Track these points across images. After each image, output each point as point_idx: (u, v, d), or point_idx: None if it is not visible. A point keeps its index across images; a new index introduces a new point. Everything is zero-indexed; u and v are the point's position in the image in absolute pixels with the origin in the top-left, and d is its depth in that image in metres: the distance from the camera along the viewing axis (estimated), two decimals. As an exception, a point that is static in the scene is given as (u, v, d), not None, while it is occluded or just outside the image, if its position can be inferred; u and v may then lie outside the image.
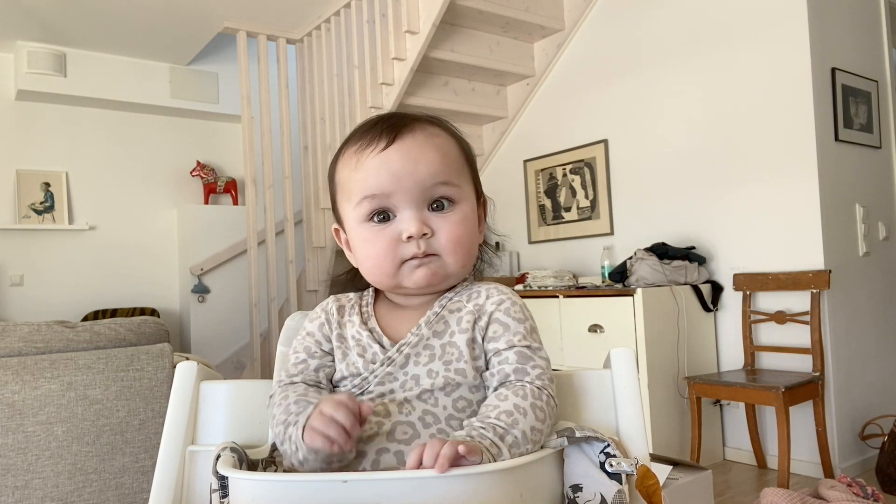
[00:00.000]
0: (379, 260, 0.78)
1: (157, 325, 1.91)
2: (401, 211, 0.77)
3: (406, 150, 0.76)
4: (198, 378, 0.87)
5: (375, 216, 0.77)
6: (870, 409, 2.88)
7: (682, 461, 1.80)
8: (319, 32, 4.13)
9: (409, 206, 0.76)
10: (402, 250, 0.77)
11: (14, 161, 4.30)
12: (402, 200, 0.76)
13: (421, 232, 0.76)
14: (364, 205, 0.77)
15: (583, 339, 3.00)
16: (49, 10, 3.80)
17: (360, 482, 0.61)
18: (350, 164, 0.79)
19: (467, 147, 0.85)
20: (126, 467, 1.75)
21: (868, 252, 2.96)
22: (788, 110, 2.82)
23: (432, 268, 0.78)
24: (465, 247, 0.80)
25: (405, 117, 0.80)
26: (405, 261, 0.77)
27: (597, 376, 0.85)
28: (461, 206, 0.80)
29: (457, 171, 0.80)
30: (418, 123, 0.80)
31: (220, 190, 4.85)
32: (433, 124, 0.82)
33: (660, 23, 3.30)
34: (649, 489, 0.75)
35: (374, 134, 0.78)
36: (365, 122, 0.82)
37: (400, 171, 0.76)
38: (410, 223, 0.76)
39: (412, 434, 0.70)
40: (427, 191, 0.77)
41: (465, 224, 0.79)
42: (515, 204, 4.08)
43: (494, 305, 0.80)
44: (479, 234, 0.86)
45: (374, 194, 0.76)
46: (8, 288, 4.23)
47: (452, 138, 0.83)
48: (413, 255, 0.77)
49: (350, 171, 0.79)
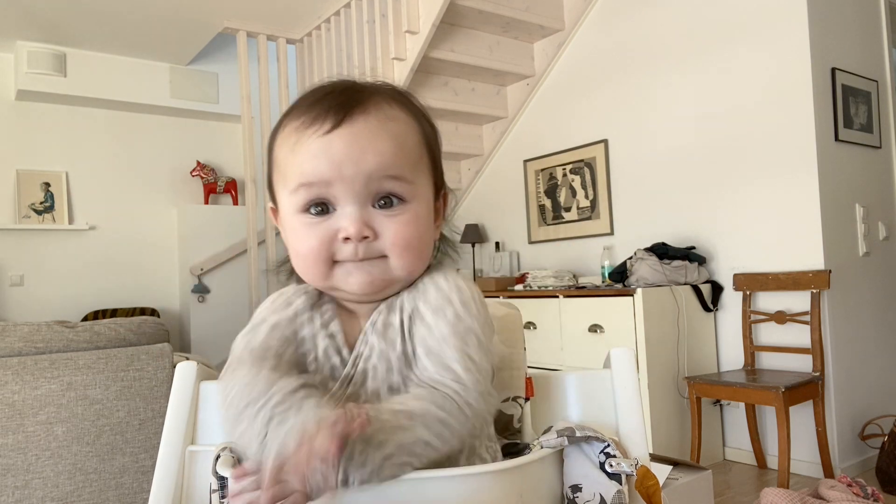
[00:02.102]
0: (310, 259, 0.69)
1: (157, 325, 1.91)
2: (341, 205, 0.67)
3: (353, 136, 0.66)
4: (198, 378, 0.87)
5: (312, 207, 0.68)
6: (870, 409, 2.88)
7: (682, 461, 1.80)
8: (319, 32, 4.13)
9: (351, 201, 0.66)
10: (336, 250, 0.67)
11: (14, 161, 4.30)
12: (343, 193, 0.66)
13: (361, 234, 0.66)
14: (300, 193, 0.67)
15: (583, 339, 3.00)
16: (49, 10, 3.80)
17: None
18: (288, 143, 0.69)
19: (430, 130, 0.74)
20: (126, 467, 1.75)
21: (868, 252, 2.96)
22: (788, 110, 2.82)
23: (374, 273, 0.68)
24: (416, 251, 0.69)
25: (360, 92, 0.69)
26: (339, 261, 0.68)
27: (597, 376, 0.85)
28: (413, 205, 0.69)
29: (412, 164, 0.69)
30: (374, 102, 0.69)
31: (220, 190, 4.85)
32: (392, 103, 0.70)
33: (660, 23, 3.30)
34: (649, 490, 0.75)
35: (320, 111, 0.67)
36: (313, 91, 0.71)
37: (342, 159, 0.65)
38: (350, 222, 0.66)
39: None
40: (372, 184, 0.66)
41: (416, 225, 0.69)
42: (515, 204, 4.08)
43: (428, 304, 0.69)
44: (435, 230, 0.75)
45: (311, 182, 0.66)
46: (8, 288, 4.23)
47: (414, 120, 0.72)
48: (349, 258, 0.67)
49: (287, 152, 0.69)
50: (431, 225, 0.73)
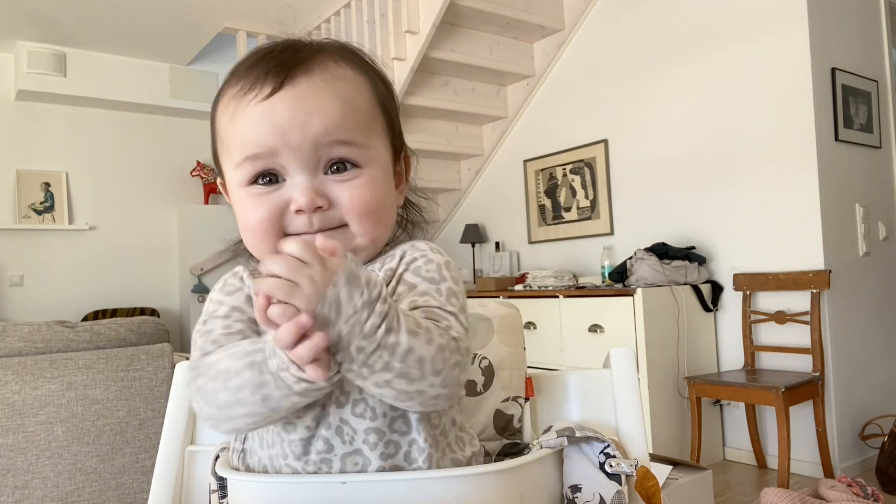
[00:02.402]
0: (259, 232, 0.63)
1: (157, 325, 1.91)
2: (290, 175, 0.61)
3: (296, 99, 0.60)
4: (197, 378, 0.87)
5: (259, 179, 0.62)
6: (870, 409, 2.88)
7: (682, 461, 1.80)
8: (319, 32, 4.13)
9: (300, 169, 0.61)
10: (288, 222, 0.62)
11: (14, 161, 4.31)
12: (291, 162, 0.60)
13: (314, 205, 0.60)
14: (245, 167, 0.62)
15: (583, 339, 3.00)
16: (49, 10, 3.80)
17: (359, 483, 0.61)
18: (227, 111, 0.63)
19: (384, 89, 0.68)
20: (126, 467, 1.75)
21: (868, 252, 2.96)
22: (788, 110, 2.82)
23: None
24: (375, 216, 0.63)
25: (301, 51, 0.63)
26: (290, 234, 0.62)
27: (597, 376, 0.85)
28: (368, 169, 0.63)
29: (364, 126, 0.63)
30: (318, 60, 0.63)
31: (220, 190, 4.85)
32: (340, 61, 0.64)
33: (660, 23, 3.30)
34: (649, 490, 0.75)
35: (259, 74, 0.61)
36: (253, 53, 0.65)
37: (286, 124, 0.59)
38: (301, 192, 0.60)
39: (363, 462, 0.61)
40: (321, 150, 0.61)
41: (374, 189, 0.63)
42: (515, 204, 4.08)
43: (405, 265, 0.65)
44: (397, 195, 0.70)
45: (255, 154, 0.61)
46: (8, 288, 4.23)
47: (364, 79, 0.65)
48: (302, 230, 0.62)
49: (227, 122, 0.63)
50: (392, 190, 0.67)
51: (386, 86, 0.68)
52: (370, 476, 0.62)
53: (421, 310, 0.59)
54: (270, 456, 0.63)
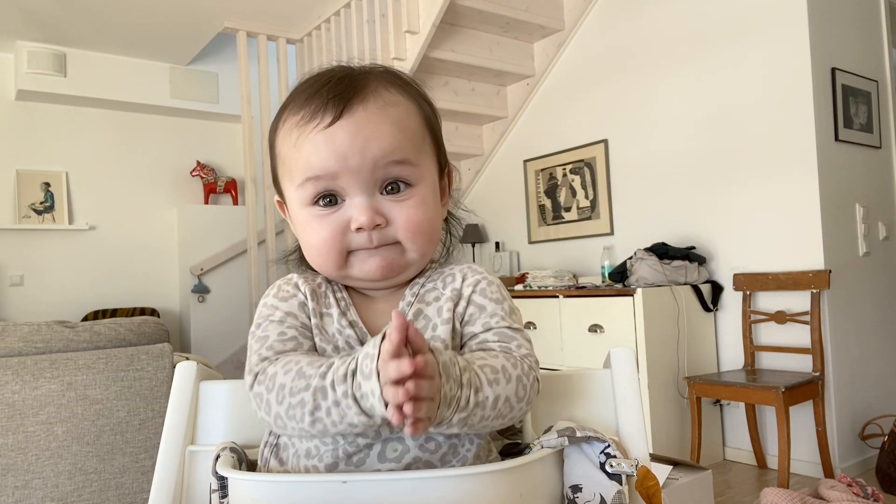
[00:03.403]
0: (324, 250, 0.69)
1: (157, 325, 1.91)
2: (350, 196, 0.67)
3: (355, 126, 0.66)
4: (197, 378, 0.87)
5: (321, 200, 0.68)
6: (870, 409, 2.88)
7: (682, 461, 1.80)
8: (319, 32, 4.13)
9: (359, 190, 0.67)
10: (350, 240, 0.68)
11: (14, 161, 4.31)
12: (351, 184, 0.66)
13: (373, 223, 0.66)
14: (307, 187, 0.68)
15: (583, 339, 3.00)
16: (49, 10, 3.80)
17: (360, 483, 0.61)
18: (290, 138, 0.69)
19: (429, 110, 0.74)
20: (126, 467, 1.75)
21: (868, 252, 2.96)
22: (788, 110, 2.82)
23: (388, 257, 0.69)
24: (427, 233, 0.70)
25: (355, 80, 0.69)
26: (353, 250, 0.69)
27: (597, 376, 0.85)
28: (419, 188, 0.69)
29: (416, 147, 0.70)
30: (371, 88, 0.68)
31: (220, 190, 4.86)
32: (390, 87, 0.70)
33: (660, 23, 3.30)
34: (649, 490, 0.75)
35: (319, 104, 0.67)
36: (309, 83, 0.70)
37: (347, 150, 0.65)
38: (361, 212, 0.66)
39: (402, 450, 0.65)
40: (379, 171, 0.67)
41: (425, 208, 0.69)
42: (515, 204, 4.08)
43: (471, 287, 0.72)
44: (442, 209, 0.76)
45: (317, 176, 0.67)
46: (8, 288, 4.23)
47: (413, 103, 0.71)
48: (363, 246, 0.68)
49: (290, 148, 0.69)
50: (438, 205, 0.74)
51: (430, 106, 0.75)
52: (371, 476, 0.62)
53: (493, 331, 0.69)
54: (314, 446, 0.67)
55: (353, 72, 0.71)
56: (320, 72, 0.72)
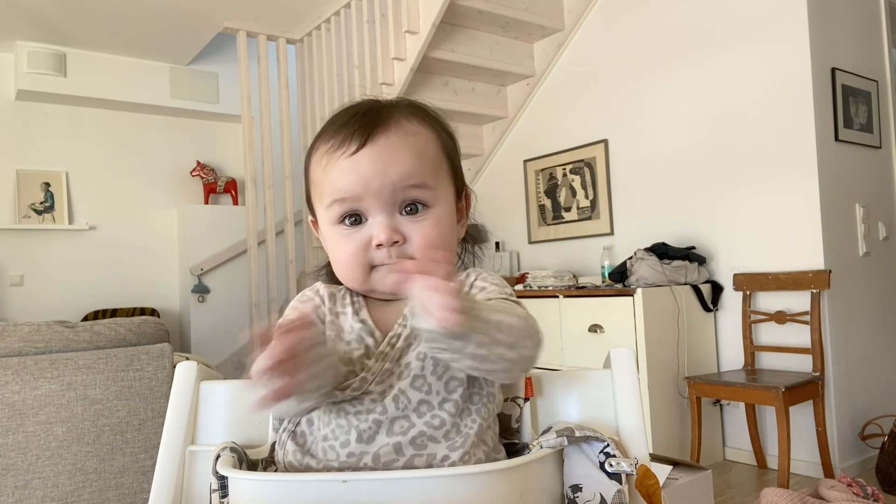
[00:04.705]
0: (349, 265, 0.76)
1: (157, 325, 1.91)
2: (372, 216, 0.75)
3: (377, 153, 0.74)
4: (198, 378, 0.87)
5: (346, 219, 0.76)
6: (870, 409, 2.88)
7: (682, 461, 1.80)
8: (319, 32, 4.13)
9: (380, 211, 0.74)
10: (373, 256, 0.75)
11: (14, 161, 4.31)
12: (373, 205, 0.74)
13: (391, 240, 0.73)
14: (334, 208, 0.76)
15: (583, 339, 3.00)
16: (49, 10, 3.80)
17: (360, 482, 0.61)
18: (321, 164, 0.77)
19: (448, 138, 0.82)
20: (126, 467, 1.75)
21: (868, 252, 2.96)
22: (788, 110, 2.82)
23: None
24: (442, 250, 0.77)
25: (380, 112, 0.77)
26: (376, 266, 0.75)
27: (597, 376, 0.85)
28: (435, 209, 0.76)
29: (433, 171, 0.77)
30: (394, 120, 0.76)
31: (220, 190, 4.86)
32: (411, 118, 0.78)
33: (660, 23, 3.30)
34: (649, 489, 0.75)
35: (346, 134, 0.75)
36: (339, 116, 0.79)
37: (369, 174, 0.73)
38: (381, 230, 0.73)
39: (408, 425, 0.70)
40: (398, 193, 0.74)
41: (440, 227, 0.76)
42: (515, 204, 4.08)
43: (473, 277, 0.80)
44: (460, 229, 0.83)
45: (343, 198, 0.74)
46: (8, 288, 4.23)
47: (432, 132, 0.79)
48: (384, 262, 0.75)
49: (320, 173, 0.77)
50: (454, 224, 0.80)
51: (450, 136, 0.82)
52: (371, 475, 0.63)
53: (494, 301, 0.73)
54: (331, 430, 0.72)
55: (380, 104, 0.79)
56: (351, 104, 0.80)
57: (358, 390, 0.72)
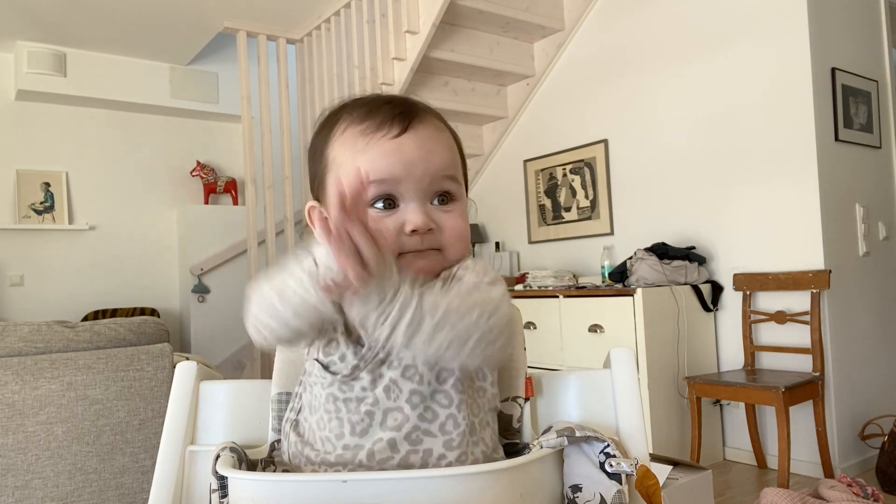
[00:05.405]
0: None
1: (157, 325, 1.91)
2: (406, 201, 0.74)
3: (421, 140, 0.74)
4: (198, 378, 0.87)
5: (382, 201, 0.73)
6: (870, 409, 2.88)
7: (682, 461, 1.80)
8: (319, 32, 4.13)
9: (416, 197, 0.73)
10: (403, 242, 0.74)
11: (14, 161, 4.30)
12: (410, 190, 0.73)
13: (427, 226, 0.73)
14: (370, 189, 0.73)
15: (583, 339, 3.00)
16: (49, 10, 3.80)
17: (360, 482, 0.61)
18: (355, 145, 0.75)
19: (461, 144, 0.85)
20: (126, 467, 1.75)
21: (868, 252, 2.96)
22: (788, 110, 2.82)
23: (433, 261, 0.75)
24: (465, 241, 0.78)
25: (413, 105, 0.78)
26: (404, 252, 0.74)
27: (597, 376, 0.85)
28: (460, 203, 0.78)
29: (458, 168, 0.79)
30: (426, 114, 0.78)
31: (220, 190, 4.85)
32: (434, 118, 0.80)
33: (660, 23, 3.30)
34: (649, 489, 0.75)
35: (385, 117, 0.74)
36: (367, 101, 0.78)
37: (414, 159, 0.73)
38: (416, 216, 0.72)
39: (402, 419, 0.69)
40: (435, 183, 0.74)
41: (465, 219, 0.78)
42: (515, 204, 4.08)
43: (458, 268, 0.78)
44: None
45: (383, 179, 0.72)
46: (8, 288, 4.23)
47: (450, 133, 0.82)
48: (415, 248, 0.73)
49: (353, 152, 0.75)
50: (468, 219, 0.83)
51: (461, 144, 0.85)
52: (371, 475, 0.63)
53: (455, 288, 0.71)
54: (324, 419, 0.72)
55: (407, 99, 0.79)
56: (370, 94, 0.80)
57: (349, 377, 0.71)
